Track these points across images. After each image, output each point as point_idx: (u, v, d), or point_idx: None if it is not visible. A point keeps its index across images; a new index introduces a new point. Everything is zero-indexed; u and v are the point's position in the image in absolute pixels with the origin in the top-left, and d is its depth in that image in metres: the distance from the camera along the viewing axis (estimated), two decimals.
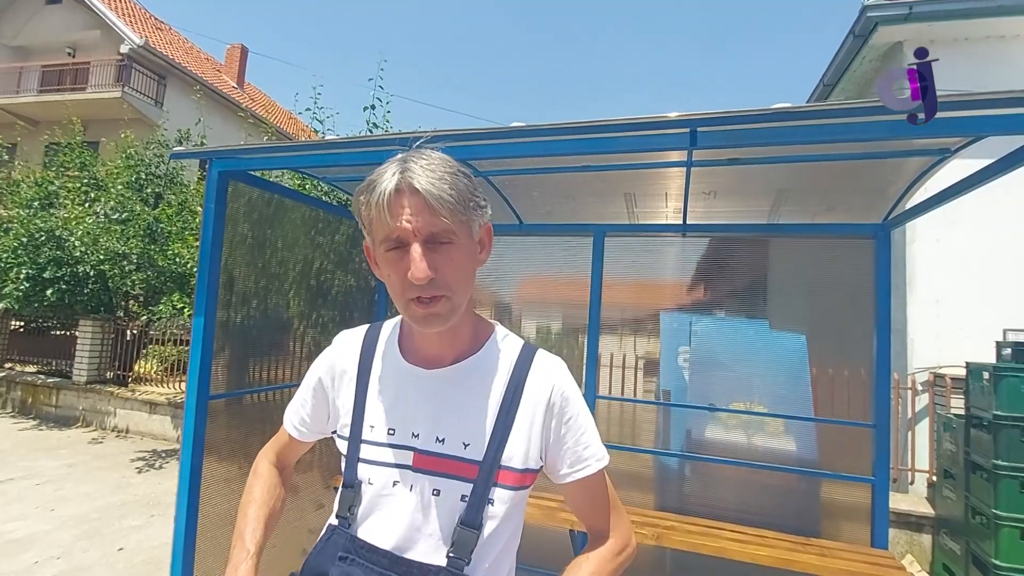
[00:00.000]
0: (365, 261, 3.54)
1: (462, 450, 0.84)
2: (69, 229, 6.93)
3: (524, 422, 0.86)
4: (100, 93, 13.42)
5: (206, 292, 2.20)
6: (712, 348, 3.19)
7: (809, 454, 2.91)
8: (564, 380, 0.91)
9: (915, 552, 3.74)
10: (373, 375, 0.93)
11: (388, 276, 0.81)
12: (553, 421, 0.88)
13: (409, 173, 0.76)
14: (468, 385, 0.88)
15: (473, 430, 0.85)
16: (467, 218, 0.80)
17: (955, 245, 4.54)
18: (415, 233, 0.76)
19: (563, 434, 0.88)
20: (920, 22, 4.67)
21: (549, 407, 0.88)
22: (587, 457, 0.89)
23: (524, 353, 0.92)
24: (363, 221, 0.83)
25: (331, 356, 0.99)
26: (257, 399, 2.84)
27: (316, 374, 0.99)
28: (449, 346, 0.89)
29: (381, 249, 0.81)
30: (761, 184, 2.54)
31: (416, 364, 0.90)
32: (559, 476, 0.90)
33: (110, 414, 7.12)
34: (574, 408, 0.90)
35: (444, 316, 0.80)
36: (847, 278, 2.78)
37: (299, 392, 1.02)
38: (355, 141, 2.16)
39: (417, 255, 0.76)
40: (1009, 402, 2.95)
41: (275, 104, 20.65)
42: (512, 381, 0.88)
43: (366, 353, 0.95)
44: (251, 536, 0.94)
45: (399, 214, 0.76)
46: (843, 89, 5.96)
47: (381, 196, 0.76)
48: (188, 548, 2.10)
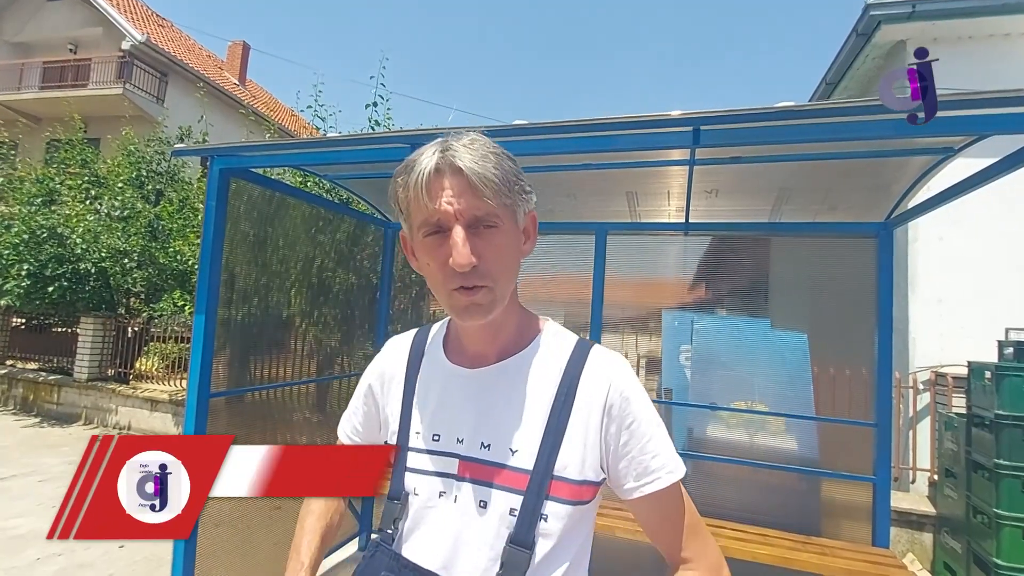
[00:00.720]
0: (367, 259, 3.56)
1: (509, 457, 0.76)
2: (70, 226, 6.93)
3: (579, 426, 0.76)
4: (102, 90, 13.40)
5: (207, 290, 2.20)
6: (714, 346, 3.18)
7: (810, 453, 2.91)
8: (623, 378, 0.79)
9: (916, 551, 3.74)
10: (420, 379, 0.86)
11: (427, 265, 0.75)
12: (612, 425, 0.77)
13: (451, 152, 0.70)
14: (514, 385, 0.79)
15: (521, 435, 0.76)
16: (512, 202, 0.74)
17: (958, 244, 4.52)
18: (457, 216, 0.70)
19: (625, 441, 0.77)
20: (923, 20, 4.65)
21: (606, 409, 0.77)
22: (655, 468, 0.77)
23: (578, 349, 0.82)
24: (400, 205, 0.77)
25: (380, 362, 0.94)
26: (258, 397, 2.85)
27: (366, 381, 0.94)
28: (492, 342, 0.81)
29: (419, 235, 0.74)
30: (763, 183, 2.53)
31: (459, 364, 0.83)
32: (625, 491, 0.79)
33: (111, 411, 7.12)
34: (637, 410, 0.78)
35: (486, 307, 0.73)
36: (849, 277, 2.77)
37: (351, 401, 0.98)
38: (356, 139, 2.16)
39: (459, 239, 0.70)
40: (1011, 401, 2.94)
41: (277, 101, 20.63)
42: (564, 380, 0.79)
43: (414, 357, 0.89)
44: (306, 549, 0.89)
45: (439, 196, 0.70)
46: (846, 87, 5.94)
47: (420, 176, 0.70)
48: (189, 546, 2.11)
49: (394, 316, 3.68)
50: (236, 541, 2.49)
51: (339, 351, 3.41)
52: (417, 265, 0.80)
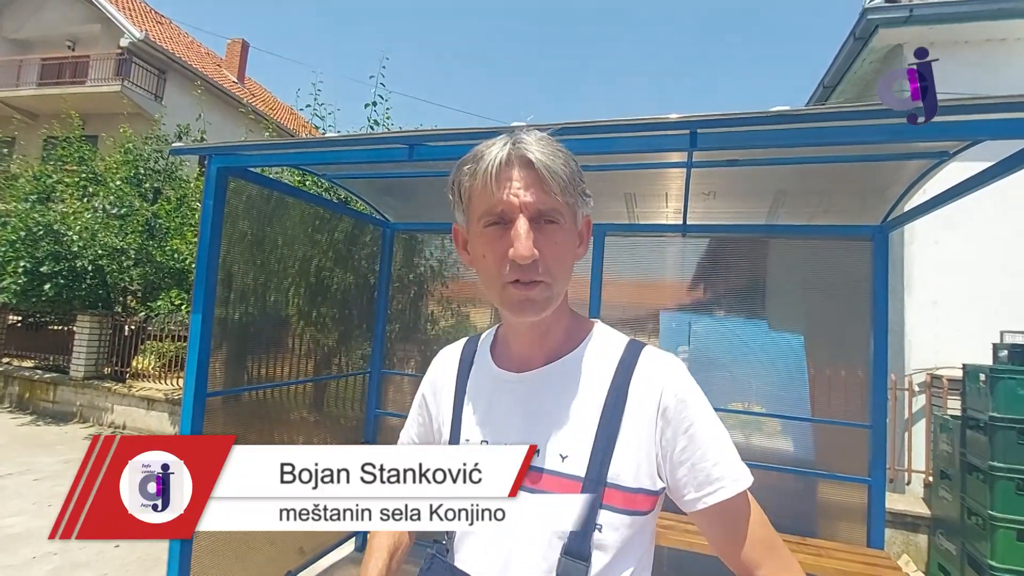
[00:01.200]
0: (365, 259, 3.56)
1: (559, 463, 0.73)
2: (67, 224, 6.92)
3: (631, 431, 0.73)
4: (99, 87, 13.37)
5: (204, 289, 2.20)
6: (711, 348, 3.19)
7: (806, 454, 2.92)
8: (679, 380, 0.75)
9: (911, 552, 3.75)
10: (469, 386, 0.86)
11: (483, 256, 0.73)
12: (668, 430, 0.73)
13: (522, 144, 0.70)
14: (562, 388, 0.77)
15: (571, 440, 0.73)
16: (574, 202, 0.74)
17: (954, 247, 4.55)
18: (522, 208, 0.69)
19: (683, 447, 0.73)
20: (920, 25, 4.67)
21: (661, 412, 0.73)
22: (718, 477, 0.72)
23: (629, 350, 0.79)
24: (461, 194, 0.75)
25: (432, 372, 0.94)
26: (256, 396, 2.85)
27: (421, 392, 0.95)
28: (540, 344, 0.79)
29: (479, 225, 0.73)
30: (760, 185, 2.54)
31: (507, 368, 0.82)
32: (686, 503, 0.74)
33: (107, 410, 7.11)
34: (695, 414, 0.74)
35: (540, 304, 0.72)
36: (845, 279, 2.78)
37: (409, 414, 0.98)
38: (354, 139, 2.16)
39: (523, 231, 0.68)
40: (1005, 404, 2.96)
41: (276, 100, 20.60)
42: (615, 382, 0.75)
43: (463, 365, 0.89)
44: (373, 566, 0.88)
45: (506, 186, 0.69)
46: (843, 91, 5.96)
47: (490, 165, 0.69)
48: (185, 545, 2.10)
49: (392, 316, 3.68)
50: (233, 542, 2.48)
51: (337, 351, 3.41)
52: (469, 259, 0.78)
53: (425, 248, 3.79)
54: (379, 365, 3.53)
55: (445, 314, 3.82)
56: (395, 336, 3.71)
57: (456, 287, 3.72)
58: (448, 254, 3.77)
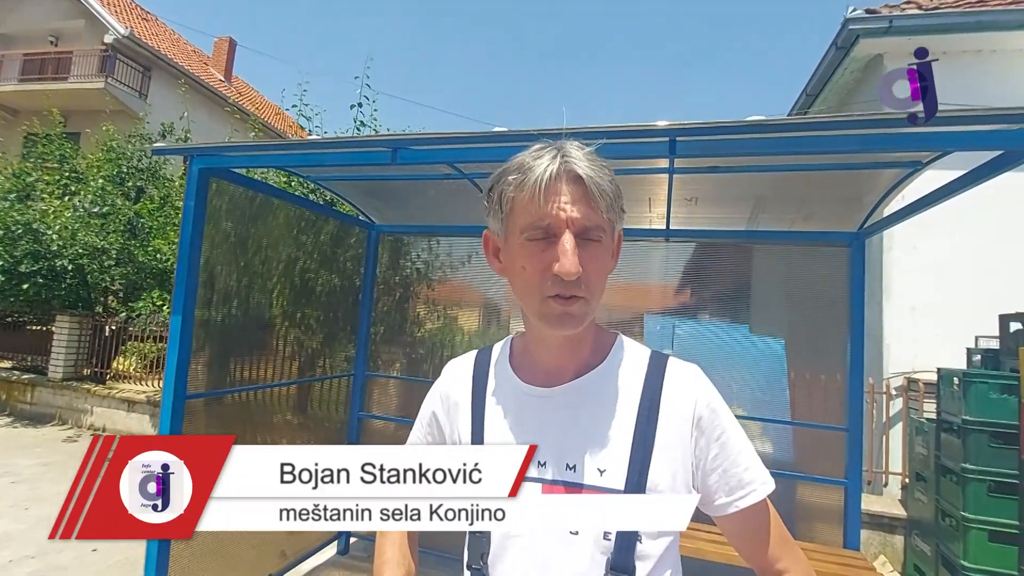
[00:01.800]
0: (350, 261, 3.55)
1: (598, 478, 0.72)
2: (47, 222, 6.80)
3: (666, 441, 0.74)
4: (82, 83, 13.15)
5: (184, 290, 2.18)
6: (694, 351, 3.23)
7: (786, 457, 2.96)
8: (708, 390, 0.78)
9: (888, 553, 3.82)
10: (489, 402, 0.82)
11: (523, 268, 0.72)
12: (702, 439, 0.75)
13: (570, 159, 0.70)
14: (594, 402, 0.77)
15: (608, 453, 0.73)
16: (614, 218, 0.73)
17: (931, 253, 4.64)
18: (568, 223, 0.69)
19: (715, 455, 0.75)
20: (900, 36, 4.77)
21: (695, 423, 0.75)
22: (749, 481, 0.76)
23: (655, 361, 0.80)
24: (502, 203, 0.74)
25: (442, 387, 0.90)
26: (238, 399, 2.83)
27: (429, 408, 0.91)
28: (571, 358, 0.79)
29: (521, 237, 0.72)
30: (740, 192, 2.59)
31: (533, 383, 0.80)
32: (717, 507, 0.77)
33: (87, 412, 6.99)
34: (725, 423, 0.77)
35: (579, 318, 0.72)
36: (824, 285, 2.84)
37: (413, 432, 0.94)
38: (339, 141, 2.16)
39: (570, 247, 0.68)
40: (978, 407, 3.02)
41: (263, 99, 20.42)
42: (645, 394, 0.76)
43: (479, 379, 0.85)
44: None
45: (554, 201, 0.69)
46: (825, 99, 6.07)
47: (540, 178, 0.69)
48: (163, 550, 2.08)
49: (377, 318, 3.68)
50: (213, 545, 2.46)
51: (321, 353, 3.40)
52: (500, 267, 0.78)
53: (411, 250, 3.79)
54: (363, 367, 3.52)
55: (431, 316, 3.82)
56: (380, 338, 3.70)
57: (442, 289, 3.72)
58: (435, 257, 3.77)
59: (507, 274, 0.77)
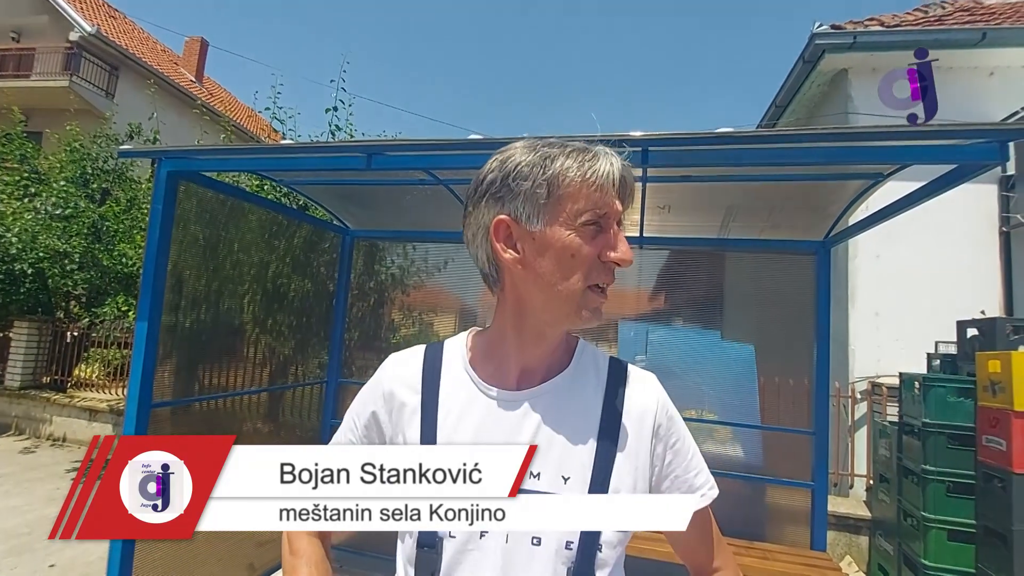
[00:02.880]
0: (324, 266, 3.50)
1: (562, 485, 0.70)
2: (5, 224, 6.53)
3: (628, 448, 0.74)
4: (46, 81, 12.72)
5: (151, 296, 2.13)
6: (667, 357, 3.28)
7: (755, 460, 3.03)
8: (665, 398, 0.80)
9: (854, 553, 3.92)
10: (442, 403, 0.77)
11: (571, 256, 0.69)
12: (659, 446, 0.76)
13: (623, 162, 0.73)
14: (562, 406, 0.75)
15: (571, 461, 0.71)
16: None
17: (894, 262, 4.81)
18: (616, 215, 0.72)
19: (670, 461, 0.77)
20: (864, 51, 4.96)
21: (655, 430, 0.76)
22: (699, 486, 0.78)
23: (614, 367, 0.80)
24: (550, 187, 0.69)
25: (386, 385, 0.82)
26: (207, 406, 2.76)
27: (367, 408, 0.83)
28: (545, 360, 0.77)
29: (573, 221, 0.69)
30: (712, 201, 2.64)
31: (496, 385, 0.76)
32: None
33: (45, 421, 6.72)
34: (679, 430, 0.79)
35: (603, 313, 0.73)
36: (792, 292, 2.92)
37: (341, 433, 0.86)
38: (310, 147, 2.14)
39: (623, 237, 0.70)
40: (937, 411, 3.14)
41: (237, 100, 20.05)
42: (608, 401, 0.76)
43: (429, 378, 0.79)
44: None
45: (613, 193, 0.71)
46: (794, 110, 6.26)
47: (609, 171, 0.69)
48: (124, 564, 2.01)
49: (351, 324, 3.64)
50: (178, 556, 2.39)
51: (294, 359, 3.34)
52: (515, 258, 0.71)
53: (386, 255, 3.76)
54: (337, 374, 3.48)
55: (406, 322, 3.79)
56: (355, 344, 3.66)
57: (418, 295, 3.70)
58: (411, 263, 3.74)
59: (528, 263, 0.71)
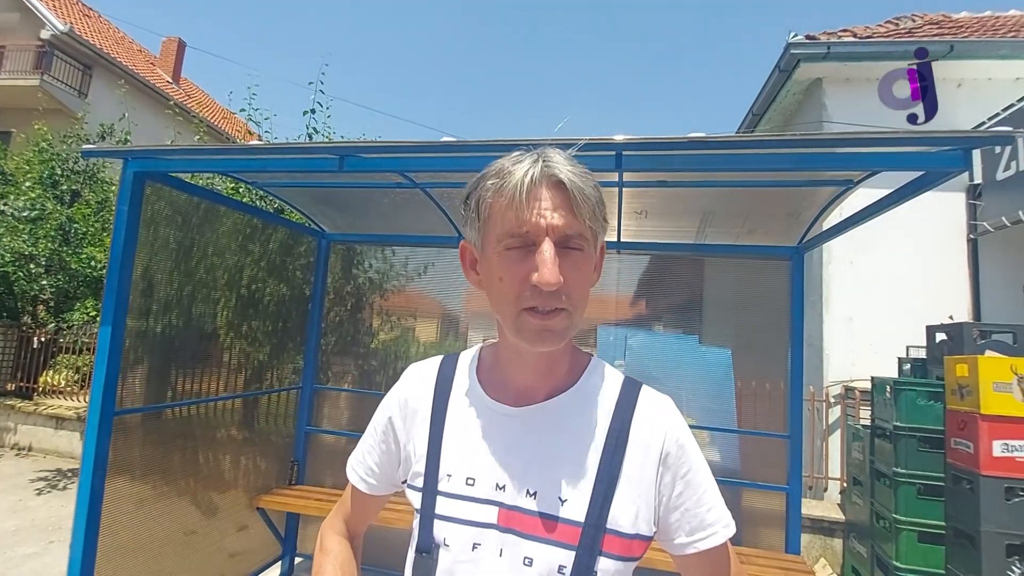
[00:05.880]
0: (299, 270, 3.45)
1: (559, 507, 0.69)
2: None
3: (631, 475, 0.71)
4: (15, 80, 12.36)
5: (115, 300, 2.06)
6: (646, 362, 3.29)
7: (732, 464, 3.04)
8: (679, 424, 0.75)
9: (828, 556, 3.97)
10: (450, 414, 0.78)
11: (500, 279, 0.68)
12: (667, 475, 0.72)
13: (551, 163, 0.66)
14: (563, 427, 0.73)
15: (571, 483, 0.70)
16: (596, 228, 0.70)
17: (867, 268, 4.91)
18: (548, 231, 0.65)
19: (679, 492, 0.72)
20: (837, 61, 5.07)
21: (663, 458, 0.72)
22: (711, 523, 0.73)
23: (626, 389, 0.77)
24: (479, 211, 0.70)
25: (402, 392, 0.84)
26: (178, 413, 2.68)
27: (386, 414, 0.84)
28: (545, 377, 0.75)
29: (499, 246, 0.67)
30: (688, 206, 2.66)
31: (501, 400, 0.76)
32: (675, 546, 0.73)
33: (9, 430, 6.49)
34: (692, 460, 0.74)
35: (559, 334, 0.67)
36: (767, 297, 2.95)
37: (364, 438, 0.87)
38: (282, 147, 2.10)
39: (549, 256, 0.64)
40: (907, 414, 3.19)
41: (213, 101, 19.74)
42: (615, 423, 0.73)
43: (441, 388, 0.81)
44: None
45: (534, 207, 0.65)
46: (770, 118, 6.37)
47: (519, 183, 0.65)
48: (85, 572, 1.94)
49: (328, 329, 3.58)
50: (146, 570, 2.31)
51: (268, 365, 3.27)
52: (477, 280, 0.74)
53: (364, 259, 3.71)
54: (312, 380, 3.42)
55: (385, 327, 3.74)
56: (331, 349, 3.60)
57: (397, 299, 3.65)
58: (390, 267, 3.70)
59: (485, 287, 0.72)
